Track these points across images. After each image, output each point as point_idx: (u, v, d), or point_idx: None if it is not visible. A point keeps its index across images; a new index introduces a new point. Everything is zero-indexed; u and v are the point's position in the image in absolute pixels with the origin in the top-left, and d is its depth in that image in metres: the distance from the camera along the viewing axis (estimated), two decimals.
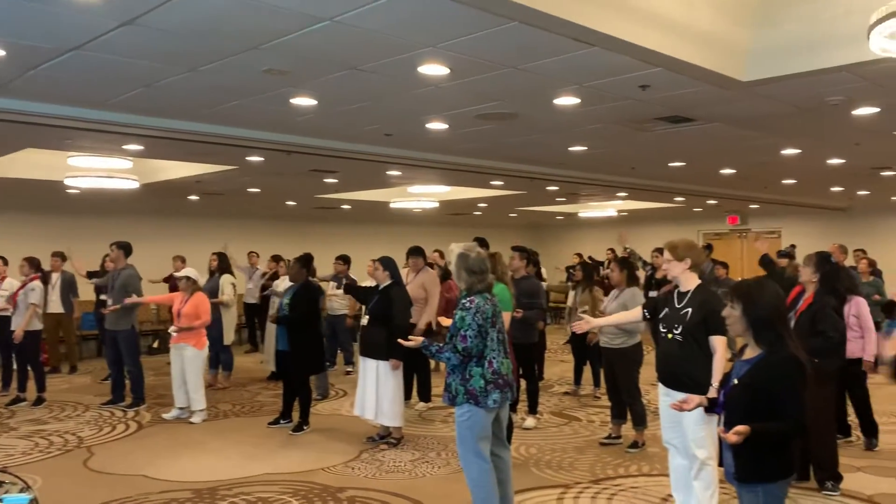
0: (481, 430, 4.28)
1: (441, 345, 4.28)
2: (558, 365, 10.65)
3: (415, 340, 4.40)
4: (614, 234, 18.52)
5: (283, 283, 9.06)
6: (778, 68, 4.89)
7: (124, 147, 7.44)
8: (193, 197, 11.96)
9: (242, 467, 5.79)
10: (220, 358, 9.29)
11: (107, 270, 9.22)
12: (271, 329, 8.71)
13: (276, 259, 10.42)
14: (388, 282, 6.48)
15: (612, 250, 13.35)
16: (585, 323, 4.72)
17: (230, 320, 9.43)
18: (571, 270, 12.69)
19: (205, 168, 9.06)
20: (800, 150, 8.35)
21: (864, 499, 4.94)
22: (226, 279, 9.35)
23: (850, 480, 5.19)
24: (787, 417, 2.84)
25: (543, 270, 11.89)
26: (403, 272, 7.24)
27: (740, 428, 2.76)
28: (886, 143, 7.76)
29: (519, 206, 15.42)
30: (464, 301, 4.29)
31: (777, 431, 2.86)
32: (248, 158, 8.10)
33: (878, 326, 8.72)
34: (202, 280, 8.09)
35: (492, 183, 10.97)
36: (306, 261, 7.27)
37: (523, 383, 7.22)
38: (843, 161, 9.18)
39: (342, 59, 4.56)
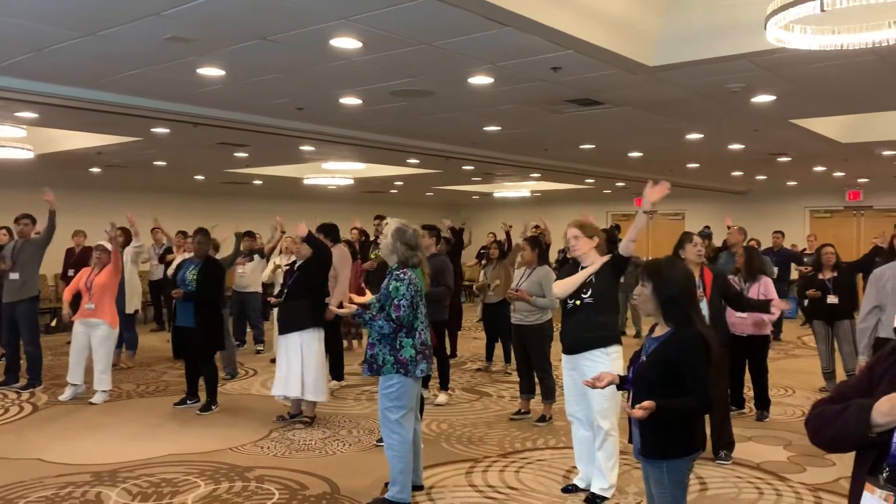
0: (408, 400, 4.37)
1: (373, 313, 4.30)
2: (471, 342, 10.79)
3: (348, 308, 4.41)
4: (528, 214, 18.84)
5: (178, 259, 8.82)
6: (682, 55, 5.05)
7: (16, 114, 7.01)
8: (95, 169, 11.43)
9: (145, 448, 5.62)
10: (123, 336, 8.95)
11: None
12: None
13: (183, 235, 10.10)
14: (308, 257, 6.38)
15: (494, 234, 13.50)
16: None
17: (133, 289, 9.08)
18: (484, 250, 12.82)
19: (107, 139, 8.66)
20: (703, 135, 8.68)
21: (753, 466, 5.23)
22: (129, 248, 9.04)
23: (741, 449, 5.48)
24: (693, 394, 2.91)
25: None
26: None
27: (646, 403, 2.80)
28: (783, 130, 8.17)
29: (435, 185, 15.47)
30: (397, 272, 4.35)
31: (683, 407, 2.92)
32: (152, 130, 7.79)
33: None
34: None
35: (408, 161, 10.95)
36: (208, 234, 7.07)
37: (434, 360, 7.29)
38: (743, 147, 9.61)
39: (250, 29, 4.42)
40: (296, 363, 6.18)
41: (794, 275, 12.61)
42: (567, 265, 4.83)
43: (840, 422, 1.74)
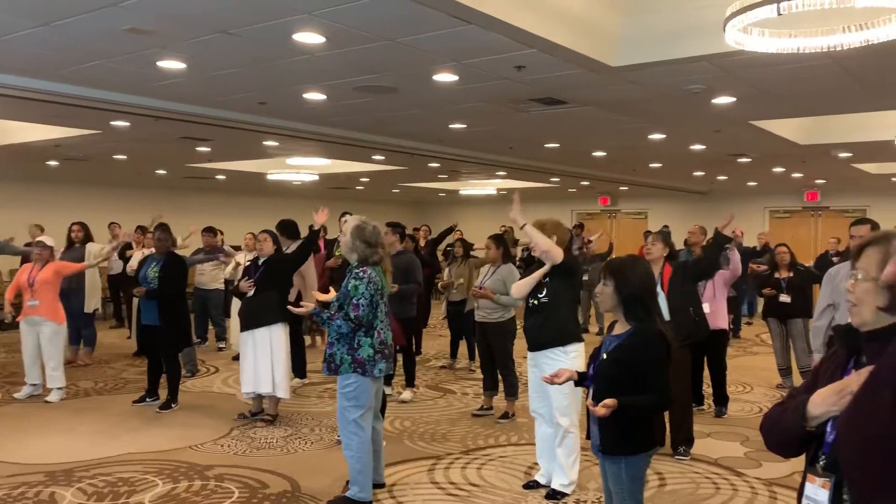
0: (366, 400, 4.34)
1: (332, 312, 4.26)
2: (436, 339, 10.80)
3: (306, 307, 4.37)
4: (494, 212, 18.91)
5: (138, 255, 8.67)
6: (644, 55, 5.10)
7: None
8: (53, 162, 11.17)
9: (102, 447, 5.52)
10: (81, 333, 8.78)
11: None
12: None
13: (143, 230, 9.93)
14: (272, 254, 6.32)
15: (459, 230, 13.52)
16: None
17: (93, 288, 8.89)
18: (450, 248, 12.84)
19: (65, 132, 8.47)
20: (665, 136, 8.79)
21: (711, 462, 5.32)
22: (93, 247, 8.82)
23: (699, 445, 5.57)
24: (653, 391, 2.95)
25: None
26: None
27: (608, 401, 2.84)
28: (743, 131, 8.31)
29: (402, 182, 15.42)
30: (357, 271, 4.31)
31: (643, 405, 2.96)
32: (112, 123, 7.64)
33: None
34: (59, 250, 7.61)
35: (373, 157, 10.90)
36: (169, 230, 6.97)
37: (399, 357, 7.28)
38: (705, 147, 9.76)
39: (211, 22, 4.36)
40: (265, 359, 6.08)
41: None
42: (533, 264, 4.87)
43: (783, 421, 1.81)
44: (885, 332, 1.69)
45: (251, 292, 6.14)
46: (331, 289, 5.45)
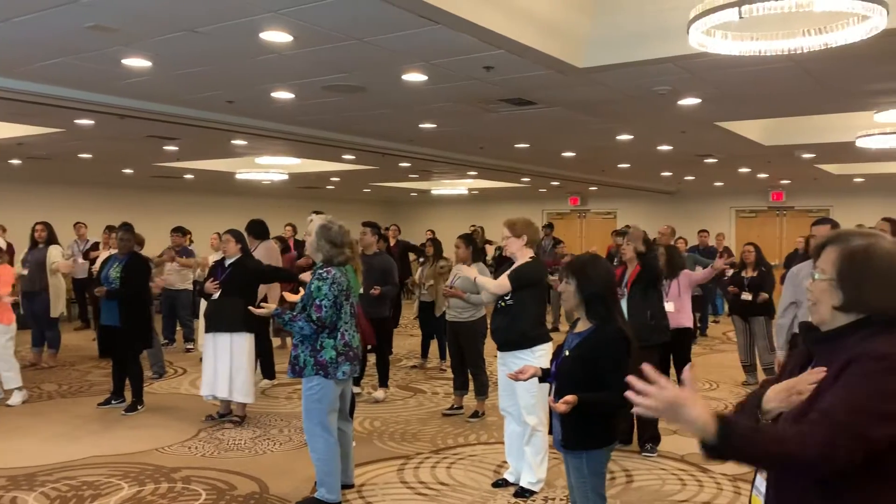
0: (330, 403, 4.30)
1: (294, 313, 4.23)
2: (407, 339, 10.79)
3: (267, 308, 4.34)
4: (466, 212, 18.95)
5: (104, 255, 8.56)
6: (611, 56, 5.15)
7: None
8: (16, 161, 10.94)
9: (66, 450, 5.44)
10: (45, 335, 8.63)
11: None
12: None
13: (110, 230, 9.79)
14: (238, 255, 6.25)
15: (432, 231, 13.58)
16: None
17: (58, 292, 8.74)
18: (422, 247, 12.84)
19: (27, 130, 8.30)
20: (633, 136, 8.88)
21: (677, 458, 5.40)
22: (54, 248, 8.66)
23: (666, 442, 5.64)
24: (613, 388, 3.00)
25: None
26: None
27: (569, 398, 2.91)
28: (708, 132, 8.42)
29: (372, 182, 15.38)
30: (321, 271, 4.28)
31: (603, 401, 3.01)
32: (76, 121, 7.51)
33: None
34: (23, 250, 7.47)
35: (343, 157, 10.85)
36: (132, 229, 6.87)
37: (371, 357, 7.28)
38: (671, 148, 9.87)
39: (176, 20, 4.31)
40: (224, 364, 6.05)
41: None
42: (504, 264, 4.90)
43: (744, 412, 1.84)
44: (832, 335, 1.72)
45: (216, 294, 6.08)
46: (301, 289, 5.42)
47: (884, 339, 1.63)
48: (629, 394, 1.60)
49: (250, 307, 4.48)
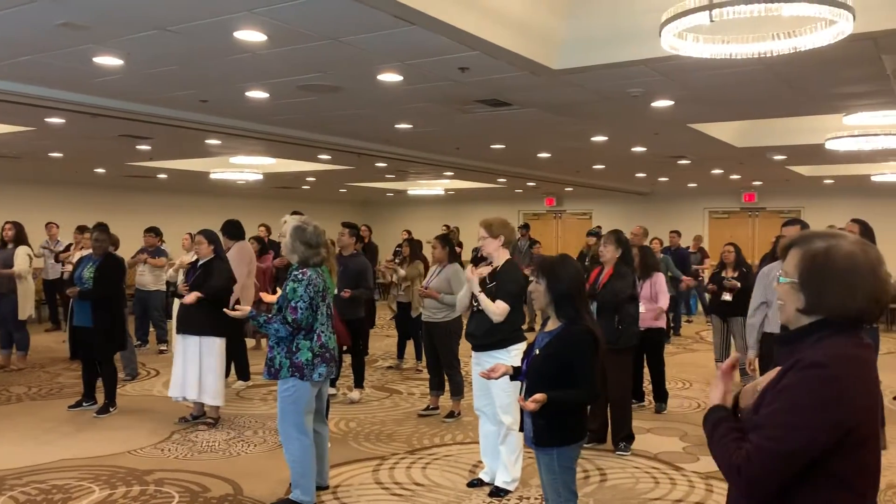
0: (306, 404, 4.28)
1: (270, 315, 4.20)
2: (383, 340, 10.77)
3: (242, 310, 4.30)
4: (443, 213, 18.96)
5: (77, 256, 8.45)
6: (585, 59, 5.19)
7: None
8: None
9: (35, 453, 5.36)
10: (13, 337, 8.49)
11: None
12: None
13: (82, 230, 9.67)
14: (210, 256, 6.20)
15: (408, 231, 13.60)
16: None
17: (27, 294, 8.61)
18: (398, 248, 12.84)
19: None
20: (607, 138, 8.95)
21: (650, 457, 5.44)
22: (22, 250, 8.53)
23: (640, 441, 5.69)
24: (581, 385, 3.06)
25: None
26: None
27: (538, 396, 2.96)
28: (681, 134, 8.52)
29: (349, 182, 15.34)
30: (296, 273, 4.25)
31: (572, 399, 3.09)
32: (46, 120, 7.41)
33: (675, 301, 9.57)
34: None
35: (319, 157, 10.81)
36: (107, 229, 6.79)
37: (347, 358, 7.25)
38: (645, 149, 9.97)
39: (148, 18, 4.27)
40: (193, 367, 6.03)
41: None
42: (481, 264, 4.90)
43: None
44: (792, 336, 1.75)
45: (188, 298, 6.04)
46: (278, 289, 5.39)
47: (831, 344, 1.65)
48: None
49: (225, 309, 4.43)
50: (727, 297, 7.72)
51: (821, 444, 1.59)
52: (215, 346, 6.07)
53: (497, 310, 4.44)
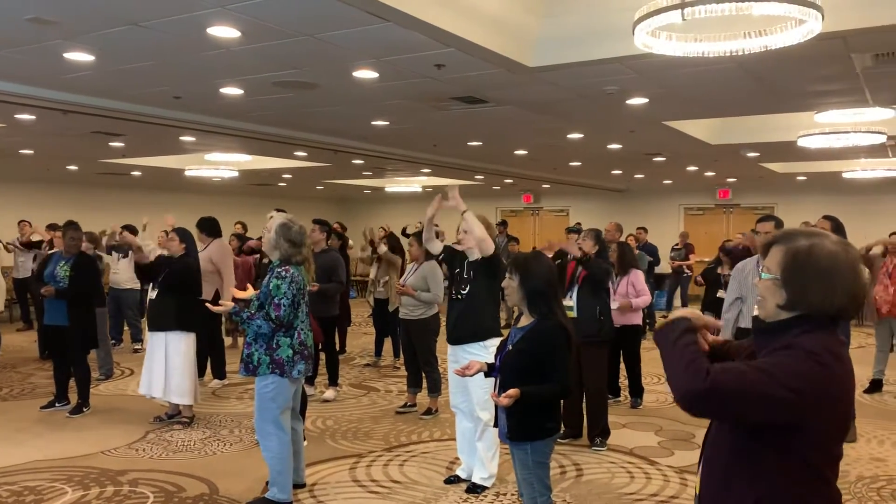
0: (284, 401, 4.29)
1: (251, 311, 4.18)
2: (361, 337, 10.76)
3: (225, 306, 4.29)
4: (421, 210, 18.93)
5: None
6: (560, 56, 5.21)
7: None
8: None
9: (6, 455, 5.29)
10: None
11: None
12: None
13: (53, 228, 9.53)
14: (181, 253, 6.18)
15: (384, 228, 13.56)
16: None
17: None
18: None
19: None
20: (583, 135, 8.99)
21: (626, 452, 5.49)
22: None
23: (615, 436, 5.74)
24: (554, 380, 3.10)
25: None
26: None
27: (511, 392, 2.99)
28: (657, 131, 8.58)
29: (325, 179, 15.26)
30: (279, 270, 4.25)
31: (544, 393, 3.12)
32: (17, 116, 7.29)
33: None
34: None
35: (295, 154, 10.74)
36: (79, 228, 6.72)
37: (322, 356, 7.23)
38: (621, 146, 10.02)
39: (120, 13, 4.21)
40: (159, 364, 6.02)
41: (667, 268, 13.36)
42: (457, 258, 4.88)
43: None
44: (773, 327, 1.79)
45: (152, 294, 6.08)
46: (248, 286, 5.36)
47: (817, 337, 1.70)
48: None
49: (207, 304, 4.42)
50: (722, 293, 7.74)
51: (790, 406, 1.63)
52: (182, 344, 6.03)
53: (480, 231, 4.49)
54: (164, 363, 6.01)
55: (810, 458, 1.70)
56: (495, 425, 3.35)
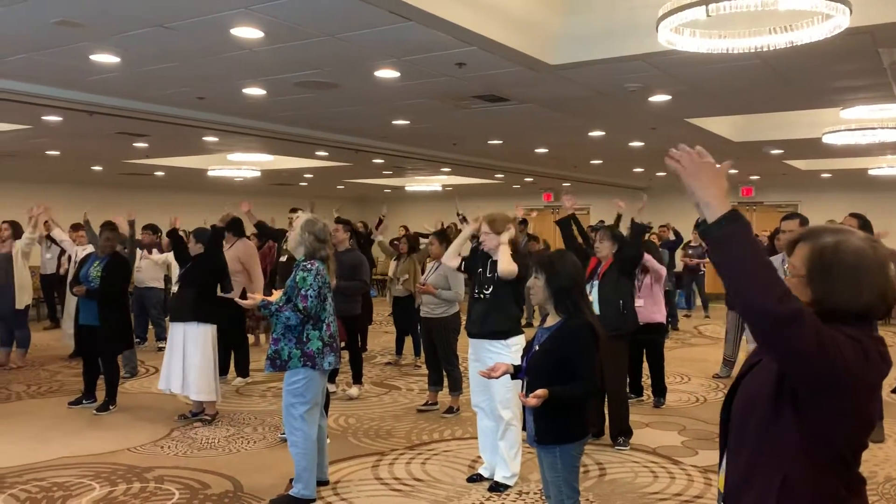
0: (314, 395, 4.35)
1: (280, 304, 4.24)
2: (382, 336, 10.79)
3: (253, 299, 4.35)
4: (440, 209, 18.96)
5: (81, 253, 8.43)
6: (582, 54, 5.19)
7: None
8: None
9: (35, 451, 5.36)
10: (14, 334, 8.48)
11: None
12: (72, 303, 8.05)
13: (77, 228, 9.64)
14: (200, 251, 6.28)
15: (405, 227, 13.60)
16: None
17: (23, 283, 8.53)
18: (396, 242, 12.83)
19: None
20: (604, 133, 8.95)
21: (649, 451, 5.46)
22: (20, 242, 8.50)
23: (638, 435, 5.71)
24: (582, 380, 3.05)
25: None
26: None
27: (539, 392, 2.94)
28: (678, 128, 8.52)
29: (346, 179, 15.32)
30: (305, 263, 4.32)
31: (573, 394, 3.06)
32: (43, 118, 7.40)
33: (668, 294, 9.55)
34: None
35: (316, 153, 10.80)
36: (116, 229, 6.83)
37: (345, 354, 7.26)
38: (643, 144, 9.96)
39: (145, 15, 4.27)
40: (177, 358, 6.07)
41: (679, 265, 13.26)
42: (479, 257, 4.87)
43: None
44: None
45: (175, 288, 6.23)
46: (273, 291, 5.40)
47: (853, 327, 1.68)
48: None
49: (236, 299, 4.50)
50: None
51: (845, 371, 1.59)
52: (200, 338, 6.06)
53: (510, 265, 4.51)
54: (183, 358, 6.05)
55: (834, 442, 1.68)
56: (524, 429, 3.32)
